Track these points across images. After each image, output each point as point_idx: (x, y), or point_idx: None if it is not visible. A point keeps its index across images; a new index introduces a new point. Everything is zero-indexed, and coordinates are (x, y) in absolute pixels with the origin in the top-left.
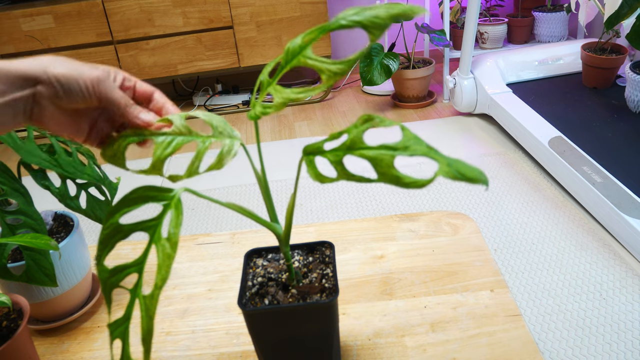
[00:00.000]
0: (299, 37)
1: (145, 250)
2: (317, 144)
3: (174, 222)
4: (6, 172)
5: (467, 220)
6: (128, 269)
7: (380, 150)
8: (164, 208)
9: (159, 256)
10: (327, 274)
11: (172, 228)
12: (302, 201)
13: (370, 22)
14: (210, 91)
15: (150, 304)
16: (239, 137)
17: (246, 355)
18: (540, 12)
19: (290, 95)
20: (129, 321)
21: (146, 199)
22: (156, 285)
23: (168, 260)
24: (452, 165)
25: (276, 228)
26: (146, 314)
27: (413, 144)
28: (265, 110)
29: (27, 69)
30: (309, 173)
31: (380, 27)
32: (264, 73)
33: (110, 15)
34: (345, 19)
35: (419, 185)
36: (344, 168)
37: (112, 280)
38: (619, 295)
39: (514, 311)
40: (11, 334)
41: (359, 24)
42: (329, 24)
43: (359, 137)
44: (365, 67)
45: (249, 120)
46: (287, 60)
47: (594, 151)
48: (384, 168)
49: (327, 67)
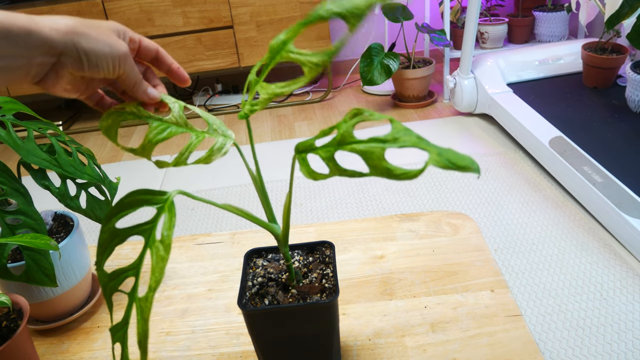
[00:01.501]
0: (282, 34)
1: (141, 254)
2: (308, 141)
3: (167, 224)
4: (6, 172)
5: (467, 220)
6: (125, 273)
7: (370, 144)
8: (157, 211)
9: (152, 259)
10: (327, 274)
11: (165, 230)
12: (302, 201)
13: (348, 12)
14: (210, 91)
15: (145, 307)
16: (232, 137)
17: (246, 355)
18: (540, 12)
19: (275, 90)
20: (127, 325)
21: (141, 202)
22: (150, 287)
23: (162, 263)
24: (443, 154)
25: (274, 228)
26: (141, 317)
27: (402, 135)
28: (252, 107)
29: (55, 39)
30: (302, 171)
31: (357, 16)
32: (252, 73)
33: (110, 15)
34: (323, 9)
35: (410, 176)
36: (336, 164)
37: (111, 284)
38: (619, 295)
39: (514, 311)
40: (11, 334)
41: (337, 15)
42: (309, 17)
43: (349, 132)
44: (365, 67)
45: (249, 119)
46: (271, 56)
47: (594, 151)
48: (374, 161)
49: (307, 59)
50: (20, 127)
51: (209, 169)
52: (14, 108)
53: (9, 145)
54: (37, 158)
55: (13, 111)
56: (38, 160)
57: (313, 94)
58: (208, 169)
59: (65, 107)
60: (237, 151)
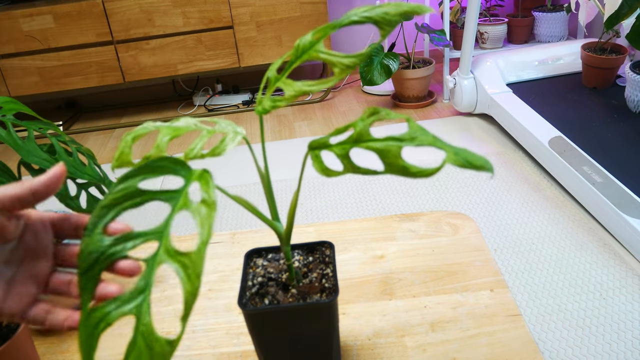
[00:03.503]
0: (309, 34)
1: (168, 219)
2: (323, 138)
3: (206, 186)
4: (6, 172)
5: (467, 220)
6: (143, 235)
7: (387, 142)
8: (186, 180)
9: (197, 217)
10: (327, 274)
11: (205, 191)
12: (302, 201)
13: (381, 18)
14: (210, 91)
15: (198, 259)
16: (243, 133)
17: (246, 355)
18: (540, 12)
19: (303, 87)
20: (148, 292)
21: (170, 170)
22: (203, 241)
23: (209, 219)
24: (460, 153)
25: (277, 227)
26: (192, 271)
27: (419, 134)
28: (275, 103)
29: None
30: (315, 167)
31: (390, 23)
32: (272, 70)
33: (110, 15)
34: (356, 15)
35: (426, 174)
36: (351, 161)
37: (112, 251)
38: (619, 295)
39: (514, 311)
40: (11, 333)
41: (370, 20)
42: (341, 20)
43: (365, 130)
44: (365, 67)
45: (250, 119)
46: (297, 55)
47: (594, 151)
48: (391, 159)
49: (339, 60)
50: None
51: (211, 168)
52: (14, 108)
53: (10, 145)
54: (38, 158)
55: (13, 111)
56: (38, 160)
57: (313, 94)
58: (210, 168)
59: (66, 107)
60: (239, 151)
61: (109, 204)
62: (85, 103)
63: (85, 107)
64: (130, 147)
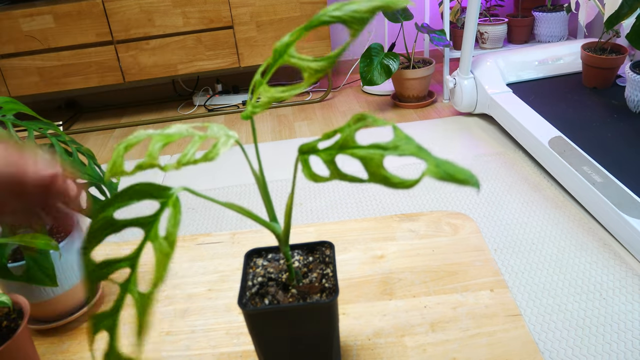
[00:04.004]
0: (287, 36)
1: (140, 246)
2: (311, 143)
3: (172, 220)
4: None
5: (467, 220)
6: (119, 263)
7: (370, 150)
8: (161, 205)
9: (156, 255)
10: (327, 274)
11: (170, 227)
12: (302, 201)
13: (350, 17)
14: (210, 91)
15: (148, 302)
16: (236, 137)
17: (246, 355)
18: (540, 12)
19: (275, 94)
20: (118, 314)
21: (143, 194)
22: (154, 284)
23: (165, 259)
24: (441, 165)
25: (275, 228)
26: (144, 310)
27: (403, 143)
28: (253, 109)
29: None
30: (304, 172)
31: (360, 21)
32: (258, 73)
33: (110, 15)
34: (326, 14)
35: (407, 186)
36: (337, 167)
37: (98, 272)
38: (619, 295)
39: (514, 311)
40: (11, 333)
41: (339, 19)
42: (311, 21)
43: (351, 137)
44: (365, 67)
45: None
46: (275, 58)
47: (594, 151)
48: (373, 168)
49: (307, 64)
50: (20, 127)
51: (208, 170)
52: (14, 108)
53: None
54: None
55: (13, 111)
56: None
57: (313, 94)
58: (208, 170)
59: (66, 108)
60: (237, 151)
61: (93, 232)
62: (85, 103)
63: (85, 107)
64: (123, 157)
